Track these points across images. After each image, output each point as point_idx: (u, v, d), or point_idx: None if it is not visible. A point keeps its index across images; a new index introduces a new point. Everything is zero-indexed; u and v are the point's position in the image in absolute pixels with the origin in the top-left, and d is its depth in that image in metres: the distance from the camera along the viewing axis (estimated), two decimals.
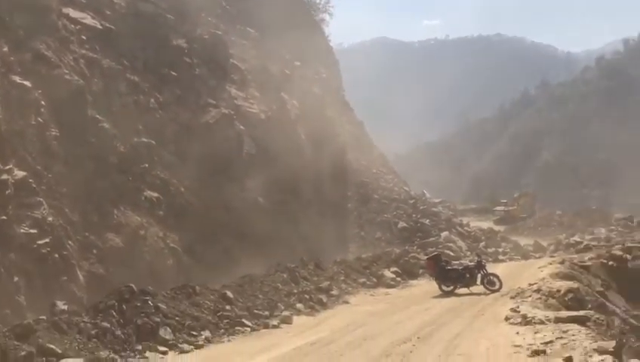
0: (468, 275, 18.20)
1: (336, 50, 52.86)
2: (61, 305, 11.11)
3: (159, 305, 11.74)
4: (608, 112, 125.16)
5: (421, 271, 22.01)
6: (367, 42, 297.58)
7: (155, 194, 18.28)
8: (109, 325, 10.50)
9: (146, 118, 19.88)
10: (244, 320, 13.02)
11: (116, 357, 9.61)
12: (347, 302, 16.89)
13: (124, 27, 20.65)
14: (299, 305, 15.31)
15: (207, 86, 23.18)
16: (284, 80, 27.51)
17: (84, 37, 19.09)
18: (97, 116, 18.00)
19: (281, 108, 25.52)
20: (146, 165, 18.98)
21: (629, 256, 23.31)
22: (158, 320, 11.25)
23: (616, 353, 8.94)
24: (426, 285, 19.88)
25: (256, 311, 13.80)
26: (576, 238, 34.07)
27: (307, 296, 16.15)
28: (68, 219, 15.85)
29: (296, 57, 30.58)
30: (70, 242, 15.56)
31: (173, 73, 21.69)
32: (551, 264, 21.77)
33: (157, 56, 21.53)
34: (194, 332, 11.64)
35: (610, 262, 23.02)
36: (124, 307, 11.19)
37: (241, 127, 22.69)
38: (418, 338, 11.15)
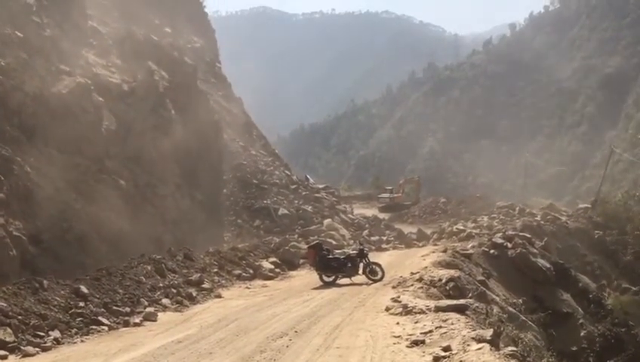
0: (350, 265, 18.79)
1: (212, 18, 52.05)
2: None
3: None
4: (493, 98, 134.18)
5: (302, 261, 22.39)
6: (247, 11, 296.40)
7: None
8: None
9: None
10: (100, 318, 12.60)
11: None
12: (220, 296, 16.81)
13: None
14: (165, 301, 15.06)
15: (59, 50, 21.82)
16: (151, 47, 26.55)
17: None
18: None
19: (148, 79, 24.63)
20: None
21: (509, 244, 25.05)
22: None
23: (493, 341, 9.62)
24: (307, 276, 20.26)
25: (115, 308, 13.39)
26: (460, 226, 36.17)
27: (175, 291, 15.91)
28: None
29: (165, 23, 29.66)
30: None
31: (19, 34, 20.20)
32: (434, 252, 22.97)
33: None
34: (40, 333, 11.11)
35: (492, 251, 24.64)
36: None
37: (100, 98, 21.61)
38: (295, 332, 11.39)
